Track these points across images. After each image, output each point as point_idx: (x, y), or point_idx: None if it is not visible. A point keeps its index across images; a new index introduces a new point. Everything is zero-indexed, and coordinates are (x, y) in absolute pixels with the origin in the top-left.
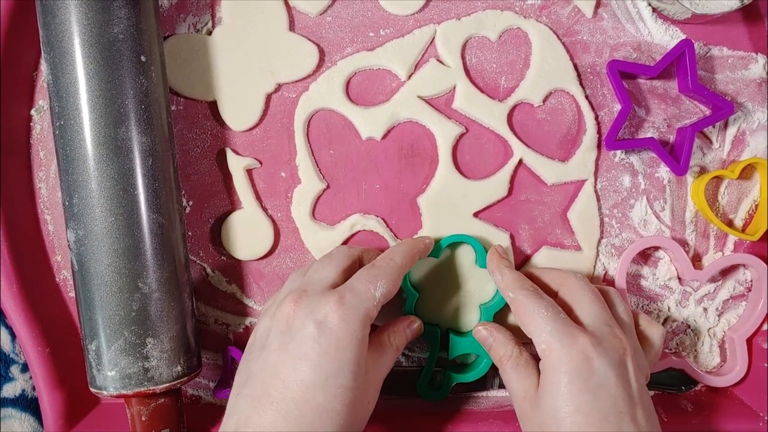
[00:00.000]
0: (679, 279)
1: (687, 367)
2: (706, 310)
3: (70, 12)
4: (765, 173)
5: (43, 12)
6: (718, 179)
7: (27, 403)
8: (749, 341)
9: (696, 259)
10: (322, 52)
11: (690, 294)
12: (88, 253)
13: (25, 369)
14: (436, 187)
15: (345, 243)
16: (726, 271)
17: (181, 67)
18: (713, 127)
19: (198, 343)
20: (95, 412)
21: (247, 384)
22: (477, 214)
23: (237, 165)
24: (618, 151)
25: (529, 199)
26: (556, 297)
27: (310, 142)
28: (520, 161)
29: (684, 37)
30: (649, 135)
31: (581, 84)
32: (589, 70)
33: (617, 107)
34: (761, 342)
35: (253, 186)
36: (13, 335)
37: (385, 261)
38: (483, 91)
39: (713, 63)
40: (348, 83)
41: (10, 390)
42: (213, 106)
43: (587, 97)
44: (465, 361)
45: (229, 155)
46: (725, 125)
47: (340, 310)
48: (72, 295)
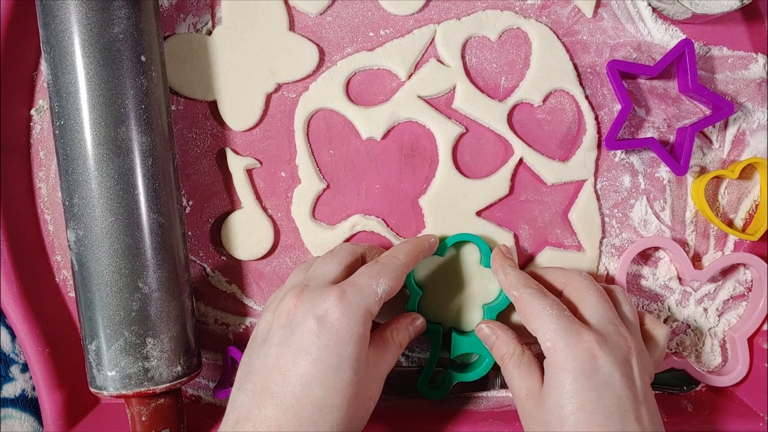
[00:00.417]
0: (680, 279)
1: (689, 367)
2: (707, 310)
3: (70, 12)
4: (765, 173)
5: (43, 12)
6: (718, 179)
7: (27, 403)
8: (749, 341)
9: (696, 259)
10: (322, 52)
11: (690, 294)
12: (88, 253)
13: (25, 369)
14: (437, 187)
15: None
16: (726, 271)
17: (181, 67)
18: (713, 127)
19: (198, 343)
20: (95, 412)
21: (248, 378)
22: (479, 213)
23: (237, 165)
24: (618, 151)
25: (529, 199)
26: (561, 296)
27: (310, 142)
28: (521, 160)
29: (684, 37)
30: (649, 135)
31: (581, 84)
32: (589, 70)
33: (617, 107)
34: (761, 342)
35: (253, 186)
36: (13, 335)
37: (389, 258)
38: (483, 91)
39: (713, 63)
40: (348, 83)
41: (10, 390)
42: (213, 106)
43: (587, 97)
44: (466, 361)
45: (229, 155)
46: (725, 125)
47: (341, 305)
48: (72, 295)
